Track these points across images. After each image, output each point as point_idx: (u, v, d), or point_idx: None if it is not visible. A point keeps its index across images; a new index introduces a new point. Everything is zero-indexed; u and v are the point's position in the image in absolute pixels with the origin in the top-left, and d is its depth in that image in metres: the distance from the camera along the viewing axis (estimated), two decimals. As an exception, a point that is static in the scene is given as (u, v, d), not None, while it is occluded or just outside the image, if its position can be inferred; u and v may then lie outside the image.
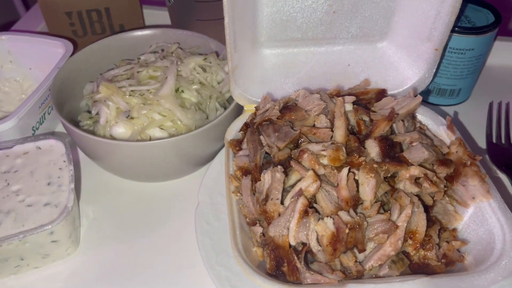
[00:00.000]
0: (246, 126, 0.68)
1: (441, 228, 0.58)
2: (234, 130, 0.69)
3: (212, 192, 0.67)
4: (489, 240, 0.55)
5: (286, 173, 0.57)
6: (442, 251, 0.55)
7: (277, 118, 0.63)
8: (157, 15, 1.05)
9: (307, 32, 0.72)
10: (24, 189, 0.62)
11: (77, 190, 0.72)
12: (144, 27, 0.97)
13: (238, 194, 0.60)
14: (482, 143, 0.79)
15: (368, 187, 0.54)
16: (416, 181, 0.57)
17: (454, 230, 0.58)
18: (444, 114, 0.71)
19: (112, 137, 0.67)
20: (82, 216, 0.69)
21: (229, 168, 0.64)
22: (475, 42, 0.78)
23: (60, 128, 0.83)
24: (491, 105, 0.83)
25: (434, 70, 0.73)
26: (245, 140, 0.66)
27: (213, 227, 0.63)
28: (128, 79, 0.74)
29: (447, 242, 0.56)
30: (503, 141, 0.78)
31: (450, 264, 0.55)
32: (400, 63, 0.74)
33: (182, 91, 0.72)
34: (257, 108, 0.68)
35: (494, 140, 0.78)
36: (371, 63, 0.75)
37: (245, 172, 0.61)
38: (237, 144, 0.66)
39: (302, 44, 0.74)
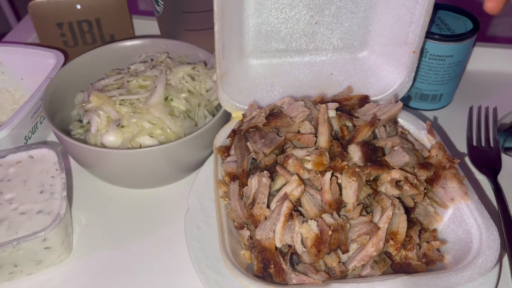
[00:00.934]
0: (233, 133, 0.70)
1: (422, 229, 0.60)
2: (222, 137, 0.71)
3: (202, 197, 0.69)
4: (467, 239, 0.57)
5: (272, 178, 0.59)
6: (422, 251, 0.57)
7: (263, 125, 0.65)
8: (147, 25, 1.07)
9: (291, 43, 0.76)
10: (17, 198, 0.63)
11: (69, 197, 0.73)
12: (134, 37, 0.99)
13: (227, 199, 0.63)
14: (463, 146, 0.82)
15: (350, 190, 0.56)
16: (397, 184, 0.59)
17: (435, 230, 0.61)
18: (425, 119, 0.74)
19: (103, 146, 0.69)
20: (75, 223, 0.71)
21: (217, 174, 0.66)
22: (455, 49, 0.81)
23: (52, 137, 0.85)
24: (471, 109, 0.86)
25: (413, 74, 0.75)
26: (233, 146, 0.68)
27: (202, 231, 0.65)
28: (118, 88, 0.76)
29: (427, 242, 0.58)
30: (483, 144, 0.80)
31: (430, 263, 0.57)
32: (381, 70, 0.77)
33: (171, 100, 0.74)
34: (244, 115, 0.70)
35: (474, 143, 0.81)
36: (353, 72, 0.78)
37: (233, 177, 0.64)
38: (225, 151, 0.68)
39: (287, 55, 0.77)
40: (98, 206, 0.74)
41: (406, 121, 0.72)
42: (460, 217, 0.59)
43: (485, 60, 0.97)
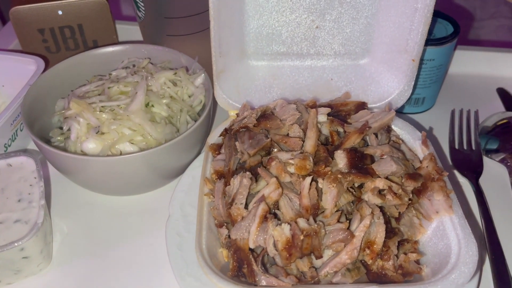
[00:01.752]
0: (226, 132, 0.71)
1: (405, 240, 0.60)
2: (216, 135, 0.72)
3: (183, 204, 0.69)
4: (446, 254, 0.57)
5: (256, 179, 0.59)
6: (399, 262, 0.57)
7: (253, 126, 0.65)
8: (131, 30, 1.06)
9: (292, 46, 0.77)
10: (-6, 207, 0.62)
11: (49, 206, 0.72)
12: (117, 42, 0.98)
13: (211, 196, 0.63)
14: (445, 149, 0.82)
15: (329, 196, 0.56)
16: (380, 193, 0.59)
17: (416, 242, 0.60)
18: (421, 128, 0.74)
19: (83, 153, 0.69)
20: (56, 231, 0.70)
21: (205, 171, 0.67)
22: (435, 52, 0.81)
23: (33, 145, 0.84)
24: (453, 112, 0.86)
25: (413, 83, 0.76)
26: (223, 145, 0.68)
27: (183, 238, 0.64)
28: (99, 95, 0.76)
29: (405, 253, 0.58)
30: (465, 147, 0.81)
31: (407, 275, 0.57)
32: (381, 78, 0.78)
33: (152, 106, 0.74)
34: (237, 115, 0.71)
35: (456, 146, 0.81)
36: (353, 78, 0.79)
37: (220, 175, 0.64)
38: (217, 148, 0.69)
39: (287, 58, 0.79)
40: (80, 213, 0.73)
41: (402, 130, 0.72)
42: (442, 231, 0.59)
43: (467, 63, 0.98)
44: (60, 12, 0.91)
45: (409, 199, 0.60)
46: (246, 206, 0.58)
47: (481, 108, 0.87)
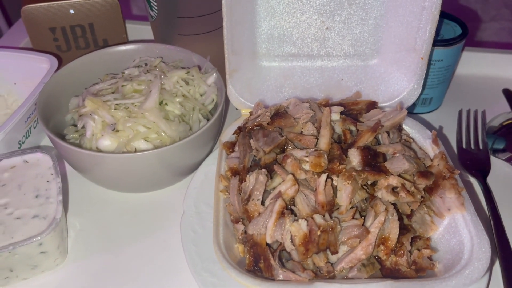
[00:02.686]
0: (239, 130, 0.72)
1: (417, 237, 0.61)
2: (229, 133, 0.74)
3: (197, 201, 0.70)
4: (459, 250, 0.58)
5: (270, 176, 0.60)
6: (412, 258, 0.58)
7: (267, 124, 0.66)
8: (140, 29, 1.08)
9: (303, 47, 0.79)
10: (12, 202, 0.63)
11: (65, 202, 0.73)
12: (127, 41, 0.99)
13: (226, 193, 0.64)
14: (453, 148, 0.84)
15: (344, 193, 0.57)
16: (393, 190, 0.60)
17: (428, 239, 0.61)
18: (431, 127, 0.75)
19: (98, 150, 0.69)
20: (69, 227, 0.71)
21: (220, 168, 0.68)
22: (444, 53, 0.82)
23: (45, 142, 0.85)
24: (460, 112, 0.88)
25: (422, 81, 0.77)
26: (238, 142, 0.69)
27: (198, 234, 0.65)
28: (113, 93, 0.76)
29: (418, 250, 0.59)
30: (472, 146, 0.82)
31: (420, 270, 0.58)
32: (391, 77, 0.79)
33: (166, 104, 0.75)
34: (251, 113, 0.72)
35: (464, 146, 0.82)
36: (363, 78, 0.81)
37: (235, 172, 0.66)
38: (230, 146, 0.70)
39: (298, 59, 0.81)
40: (93, 210, 0.74)
41: (412, 129, 0.73)
42: (455, 228, 0.60)
43: (474, 64, 0.99)
44: (71, 11, 0.92)
45: (422, 197, 0.61)
46: (262, 203, 0.59)
47: (487, 109, 0.88)
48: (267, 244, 0.56)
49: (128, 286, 0.64)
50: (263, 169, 0.60)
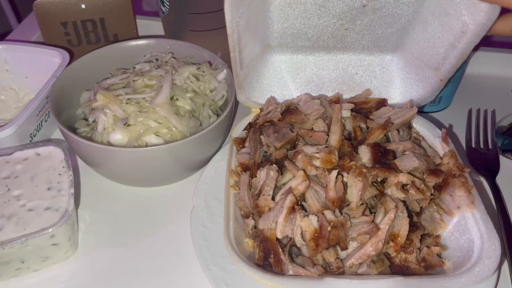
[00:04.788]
0: (250, 126, 0.72)
1: (426, 234, 0.61)
2: (240, 129, 0.74)
3: (207, 196, 0.70)
4: (469, 248, 0.58)
5: (281, 172, 0.60)
6: (422, 255, 0.58)
7: (278, 120, 0.67)
8: (150, 25, 1.08)
9: (318, 42, 0.76)
10: (24, 194, 0.64)
11: (76, 195, 0.74)
12: (138, 37, 1.00)
13: (237, 188, 0.65)
14: (462, 148, 0.84)
15: (355, 190, 0.58)
16: (403, 187, 0.60)
17: (438, 236, 0.62)
18: (441, 126, 0.75)
19: (110, 144, 0.70)
20: (79, 220, 0.71)
21: (231, 163, 0.68)
22: (455, 52, 0.82)
23: (55, 135, 0.85)
24: (470, 112, 0.88)
25: (437, 94, 0.77)
26: (248, 138, 0.70)
27: (208, 229, 0.66)
28: (124, 87, 0.77)
29: (428, 247, 0.59)
30: (481, 146, 0.82)
31: (429, 268, 0.58)
32: (406, 77, 0.78)
33: (177, 99, 0.75)
34: (261, 110, 0.72)
35: (473, 145, 0.82)
36: (378, 73, 0.79)
37: (245, 168, 0.66)
38: (241, 142, 0.70)
39: (312, 51, 0.78)
40: (103, 204, 0.74)
41: (422, 127, 0.73)
42: (464, 226, 0.60)
43: (483, 64, 0.99)
44: (83, 6, 0.92)
45: (431, 194, 0.62)
46: (272, 198, 0.59)
47: (496, 108, 0.88)
48: (277, 239, 0.56)
49: (138, 279, 0.64)
50: (274, 165, 0.60)
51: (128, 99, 0.73)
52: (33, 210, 0.62)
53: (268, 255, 0.56)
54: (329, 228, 0.54)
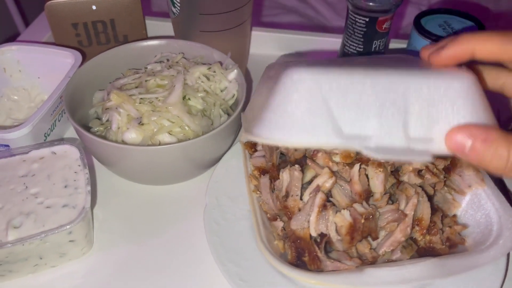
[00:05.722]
0: None
1: (443, 215, 0.63)
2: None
3: (218, 194, 0.71)
4: (487, 223, 0.60)
5: (302, 171, 0.61)
6: (445, 235, 0.60)
7: None
8: (159, 26, 1.09)
9: None
10: (42, 192, 0.65)
11: (92, 193, 0.75)
12: (148, 37, 1.01)
13: (258, 192, 0.65)
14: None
15: (378, 181, 0.60)
16: (418, 173, 0.63)
17: (454, 216, 0.64)
18: None
19: (124, 142, 0.71)
20: (93, 218, 0.73)
21: (247, 169, 0.68)
22: (461, 52, 0.83)
23: (68, 134, 0.87)
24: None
25: None
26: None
27: (221, 226, 0.67)
28: (136, 87, 0.78)
29: (449, 227, 0.61)
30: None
31: (453, 246, 0.60)
32: None
33: (189, 99, 0.76)
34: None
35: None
36: None
37: (263, 171, 0.67)
38: (252, 146, 0.71)
39: None
40: (116, 202, 0.75)
41: None
42: (478, 202, 0.62)
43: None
44: (94, 7, 0.94)
45: (444, 177, 0.64)
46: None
47: (500, 107, 0.89)
48: (311, 237, 0.58)
49: (153, 275, 0.65)
50: (297, 165, 0.61)
51: (141, 98, 0.74)
52: (50, 208, 0.63)
53: (302, 255, 0.57)
54: (362, 221, 0.56)
